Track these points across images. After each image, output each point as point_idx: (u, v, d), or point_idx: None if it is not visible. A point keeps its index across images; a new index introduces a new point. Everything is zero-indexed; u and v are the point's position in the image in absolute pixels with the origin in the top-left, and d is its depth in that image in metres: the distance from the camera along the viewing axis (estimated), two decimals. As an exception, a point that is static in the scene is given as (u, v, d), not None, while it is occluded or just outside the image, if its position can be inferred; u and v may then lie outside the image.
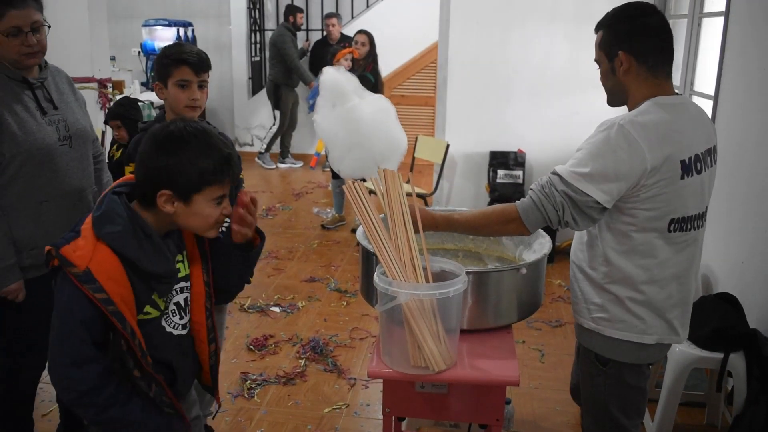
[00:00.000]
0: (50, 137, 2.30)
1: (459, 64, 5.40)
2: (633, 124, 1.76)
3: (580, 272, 2.01)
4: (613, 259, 1.88)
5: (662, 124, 1.78)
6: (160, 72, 2.31)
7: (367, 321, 4.08)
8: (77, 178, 2.42)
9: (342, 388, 3.33)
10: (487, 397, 1.91)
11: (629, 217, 1.82)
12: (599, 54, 1.91)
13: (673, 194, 1.79)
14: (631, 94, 1.87)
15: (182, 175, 1.51)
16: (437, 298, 1.74)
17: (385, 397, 1.97)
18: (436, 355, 1.78)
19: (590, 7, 5.09)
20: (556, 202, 1.80)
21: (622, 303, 1.90)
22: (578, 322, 2.04)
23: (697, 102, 3.96)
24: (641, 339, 1.90)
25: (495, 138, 5.37)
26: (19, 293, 2.29)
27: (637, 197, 1.78)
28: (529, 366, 3.52)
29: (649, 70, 1.84)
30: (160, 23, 8.34)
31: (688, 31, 4.16)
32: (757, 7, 3.13)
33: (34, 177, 2.27)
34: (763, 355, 2.50)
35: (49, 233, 2.33)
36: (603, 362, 1.97)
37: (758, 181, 2.97)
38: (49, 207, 2.32)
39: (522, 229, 1.88)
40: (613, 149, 1.75)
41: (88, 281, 1.46)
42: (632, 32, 1.83)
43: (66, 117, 2.39)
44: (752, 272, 2.97)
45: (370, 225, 1.88)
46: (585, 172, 1.77)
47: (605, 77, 1.93)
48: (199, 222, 1.59)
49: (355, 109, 2.01)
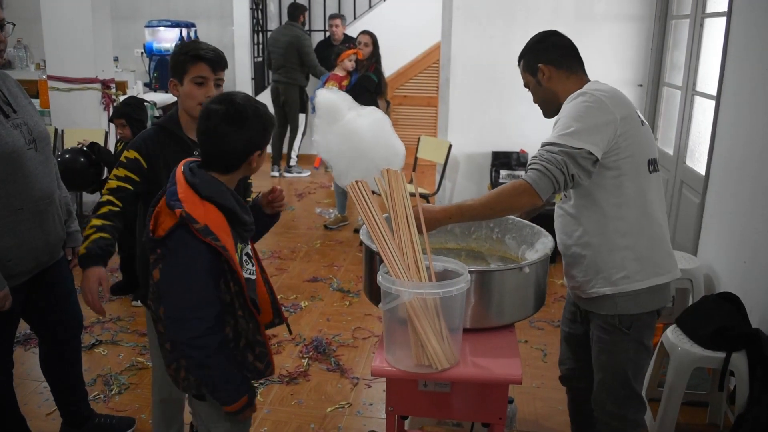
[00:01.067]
0: (18, 141, 2.25)
1: (461, 65, 5.41)
2: (592, 91, 2.05)
3: (585, 249, 2.13)
4: (616, 214, 2.07)
5: (612, 90, 2.09)
6: (176, 68, 2.25)
7: (370, 320, 4.09)
8: (46, 183, 2.38)
9: (345, 387, 3.34)
10: (489, 395, 1.92)
11: (615, 170, 2.04)
12: (526, 77, 2.24)
13: (641, 138, 2.07)
14: (561, 94, 2.16)
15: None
16: (440, 297, 1.75)
17: (388, 395, 1.97)
18: (439, 353, 1.78)
19: (592, 6, 5.12)
20: (559, 161, 1.95)
21: (635, 253, 2.08)
22: (597, 296, 2.14)
23: (699, 102, 3.98)
24: (659, 280, 2.11)
25: (497, 138, 5.38)
26: (6, 301, 2.26)
27: (618, 147, 2.01)
28: (531, 365, 3.53)
29: (567, 70, 2.18)
30: (163, 24, 8.34)
31: (691, 32, 4.17)
32: (759, 7, 3.14)
33: (8, 183, 2.22)
34: (765, 355, 2.50)
35: (24, 242, 2.31)
36: (627, 325, 2.12)
37: (761, 181, 2.98)
38: (24, 215, 2.28)
39: (535, 198, 1.97)
40: (586, 109, 2.01)
41: (209, 234, 1.71)
42: (545, 48, 2.20)
43: (26, 120, 2.34)
44: (755, 272, 2.97)
45: (373, 224, 1.89)
46: (571, 131, 1.98)
47: (535, 92, 2.24)
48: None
49: (352, 123, 2.10)
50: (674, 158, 4.29)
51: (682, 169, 4.16)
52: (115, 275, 4.79)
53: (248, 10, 8.70)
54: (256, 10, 8.82)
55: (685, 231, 3.99)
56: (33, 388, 3.25)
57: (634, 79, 5.15)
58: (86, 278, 2.13)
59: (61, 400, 2.81)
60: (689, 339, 2.69)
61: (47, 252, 2.45)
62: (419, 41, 8.14)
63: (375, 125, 2.10)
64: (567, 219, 2.19)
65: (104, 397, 3.23)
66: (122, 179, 2.22)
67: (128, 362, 3.56)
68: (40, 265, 2.45)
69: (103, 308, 2.17)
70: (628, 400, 2.19)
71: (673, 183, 4.27)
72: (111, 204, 2.18)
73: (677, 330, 2.77)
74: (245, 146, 1.81)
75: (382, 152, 2.08)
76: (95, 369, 3.49)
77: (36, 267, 2.43)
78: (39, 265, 2.44)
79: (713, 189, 3.58)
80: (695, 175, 3.91)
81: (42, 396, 3.13)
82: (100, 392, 3.27)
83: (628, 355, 2.14)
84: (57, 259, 2.54)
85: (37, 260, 2.41)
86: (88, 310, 2.25)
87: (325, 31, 8.22)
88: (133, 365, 3.53)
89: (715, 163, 3.56)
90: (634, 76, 5.16)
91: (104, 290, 2.17)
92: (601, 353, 2.21)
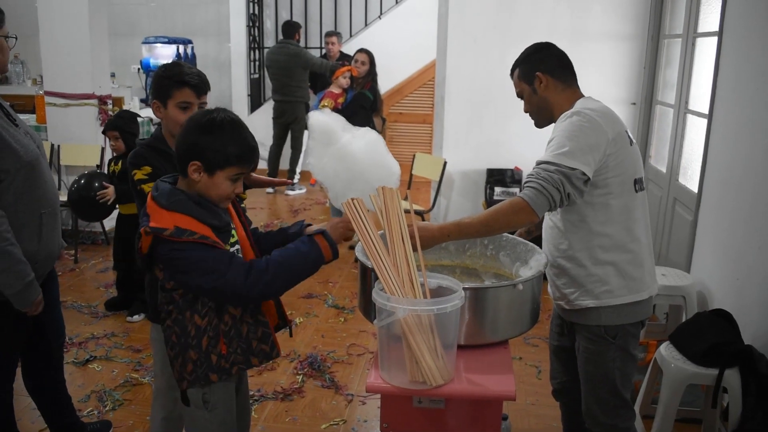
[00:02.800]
0: (34, 149, 2.32)
1: (457, 83, 5.44)
2: (585, 110, 2.09)
3: (570, 262, 2.18)
4: (601, 230, 2.12)
5: (604, 109, 2.14)
6: (160, 92, 2.25)
7: (365, 337, 4.09)
8: (54, 188, 2.46)
9: (339, 404, 3.33)
10: (484, 412, 1.92)
11: (604, 188, 2.09)
12: (520, 86, 2.28)
13: (629, 158, 2.12)
14: (555, 104, 2.22)
15: (212, 152, 1.82)
16: (435, 313, 1.75)
17: (383, 412, 1.97)
18: (434, 370, 1.79)
19: (586, 26, 5.18)
20: (555, 180, 2.00)
21: (618, 269, 2.13)
22: (581, 308, 2.19)
23: (692, 120, 4.01)
24: (640, 296, 2.17)
25: (492, 155, 5.41)
26: (40, 306, 2.33)
27: (606, 167, 2.06)
28: (525, 382, 3.53)
29: (563, 82, 2.23)
30: (160, 41, 8.36)
31: (683, 51, 4.21)
32: (750, 27, 3.18)
33: (34, 189, 2.29)
34: (758, 372, 2.51)
35: (47, 245, 2.36)
36: (612, 335, 2.17)
37: (753, 199, 3.00)
38: (47, 218, 2.35)
39: (532, 216, 2.01)
40: (580, 129, 2.05)
41: (182, 233, 1.78)
42: (542, 58, 2.24)
43: (27, 129, 2.40)
44: (747, 289, 2.98)
45: (369, 241, 1.90)
46: (566, 151, 2.02)
47: (529, 101, 2.27)
48: (215, 193, 1.87)
49: (347, 146, 2.11)
50: (667, 176, 4.32)
51: (675, 187, 4.18)
52: (110, 291, 4.78)
53: (245, 27, 8.74)
54: (252, 28, 8.87)
55: (678, 248, 4.01)
56: (27, 403, 3.23)
57: (628, 97, 5.20)
58: None
59: (50, 414, 2.80)
60: (682, 356, 2.69)
61: (57, 255, 2.52)
62: (415, 59, 8.19)
63: (369, 147, 2.14)
64: (555, 231, 2.24)
65: (98, 413, 3.21)
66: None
67: (122, 378, 3.55)
68: (49, 269, 2.50)
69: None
70: (618, 409, 2.23)
71: (666, 200, 4.29)
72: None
73: (670, 347, 2.78)
74: (183, 151, 1.85)
75: (378, 173, 2.10)
76: (89, 385, 3.48)
77: (46, 272, 2.48)
78: (48, 270, 2.49)
79: (706, 206, 3.61)
80: (688, 192, 3.93)
81: (35, 412, 3.11)
82: (94, 408, 3.26)
83: (615, 364, 2.19)
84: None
85: (52, 263, 2.49)
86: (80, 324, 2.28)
87: (321, 48, 8.25)
88: (128, 381, 3.52)
89: (708, 181, 3.58)
90: (627, 94, 5.20)
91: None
92: (587, 363, 2.24)
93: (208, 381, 1.95)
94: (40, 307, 2.34)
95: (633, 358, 2.22)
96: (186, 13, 9.30)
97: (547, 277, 2.29)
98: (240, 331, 1.97)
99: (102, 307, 4.50)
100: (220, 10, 9.08)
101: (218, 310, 1.92)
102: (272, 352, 2.05)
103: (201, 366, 1.93)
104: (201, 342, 1.91)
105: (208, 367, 1.93)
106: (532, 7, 5.21)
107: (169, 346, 1.97)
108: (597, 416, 2.26)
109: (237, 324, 1.96)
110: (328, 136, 2.13)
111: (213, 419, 2.02)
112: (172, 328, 1.93)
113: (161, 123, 2.32)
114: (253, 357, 2.01)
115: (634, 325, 2.19)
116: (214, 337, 1.92)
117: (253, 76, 8.96)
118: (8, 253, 2.17)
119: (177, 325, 1.92)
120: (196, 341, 1.91)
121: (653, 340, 3.38)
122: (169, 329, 1.95)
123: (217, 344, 1.93)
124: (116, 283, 4.59)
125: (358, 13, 8.77)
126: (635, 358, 2.23)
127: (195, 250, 1.80)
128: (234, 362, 1.97)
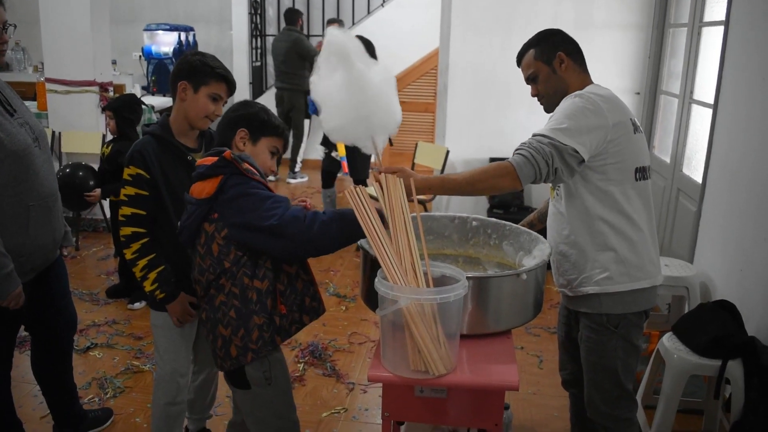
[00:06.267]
0: (26, 138, 2.26)
1: (459, 71, 5.42)
2: (591, 94, 2.10)
3: (572, 247, 2.19)
4: (602, 217, 2.12)
5: (610, 95, 2.14)
6: (196, 75, 2.28)
7: (366, 326, 4.09)
8: (51, 180, 2.40)
9: (341, 392, 3.33)
10: (486, 402, 1.91)
11: (602, 174, 2.09)
12: (536, 65, 2.24)
13: (632, 146, 2.10)
14: (572, 86, 2.20)
15: (258, 120, 2.09)
16: (438, 302, 1.74)
17: (385, 401, 1.97)
18: (436, 359, 1.78)
19: (590, 15, 5.14)
20: (546, 152, 1.99)
21: (618, 256, 2.13)
22: (582, 294, 2.20)
23: (697, 110, 3.99)
24: (640, 285, 2.15)
25: (494, 144, 5.39)
26: (20, 299, 2.28)
27: (606, 152, 2.06)
28: (527, 372, 3.52)
29: (579, 65, 2.23)
30: (161, 28, 8.34)
31: (688, 40, 4.18)
32: (757, 16, 3.15)
33: (21, 181, 2.23)
34: (761, 364, 2.50)
35: (35, 238, 2.32)
36: (615, 324, 2.16)
37: (757, 190, 2.98)
38: (34, 212, 2.29)
39: (516, 182, 2.01)
40: (581, 110, 2.05)
41: (255, 173, 1.96)
42: (560, 40, 2.25)
43: (27, 119, 2.34)
44: (751, 280, 2.97)
45: (371, 230, 1.89)
46: (563, 127, 2.02)
47: (547, 81, 2.24)
48: (259, 162, 2.05)
49: (361, 78, 1.97)
50: (671, 166, 4.30)
51: (678, 177, 4.17)
52: (111, 278, 4.78)
53: (247, 14, 8.70)
54: (254, 15, 8.82)
55: (681, 239, 3.99)
56: (28, 390, 3.24)
57: (632, 86, 5.17)
58: (176, 306, 2.34)
59: (55, 402, 2.80)
60: (685, 347, 2.68)
61: (53, 249, 2.48)
62: (417, 47, 8.14)
63: (382, 87, 2.01)
64: (558, 217, 2.24)
65: (99, 401, 3.21)
66: (133, 200, 2.27)
67: (123, 365, 3.55)
68: (46, 261, 2.47)
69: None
70: (620, 400, 2.23)
71: (670, 191, 4.28)
72: (139, 237, 2.29)
73: (673, 337, 2.77)
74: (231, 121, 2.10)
75: (382, 117, 2.01)
76: (90, 372, 3.48)
77: (43, 264, 2.45)
78: (45, 262, 2.46)
79: (710, 197, 3.59)
80: (692, 183, 3.91)
81: (37, 399, 3.12)
82: (95, 395, 3.26)
83: (617, 354, 2.18)
84: (56, 258, 2.55)
85: (45, 257, 2.44)
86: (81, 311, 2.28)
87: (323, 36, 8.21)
88: (129, 368, 3.52)
89: (712, 171, 3.56)
90: (631, 83, 5.17)
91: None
92: (590, 353, 2.24)
93: (274, 345, 2.00)
94: (20, 300, 2.27)
95: (636, 348, 2.21)
96: (188, 0, 9.25)
97: (551, 266, 2.28)
98: (296, 288, 2.04)
99: (103, 294, 4.50)
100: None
101: (275, 270, 1.98)
102: (320, 308, 2.15)
103: (268, 330, 1.98)
104: (266, 305, 1.96)
105: (274, 330, 1.99)
106: (536, -4, 5.18)
107: (225, 324, 1.98)
108: (598, 406, 2.26)
109: (293, 281, 2.03)
110: (341, 58, 1.98)
111: (276, 392, 2.08)
112: (228, 302, 1.96)
113: (173, 108, 2.33)
114: (305, 315, 2.09)
115: (636, 314, 2.18)
116: (274, 299, 1.98)
117: (255, 64, 8.92)
118: None
119: (235, 298, 1.95)
120: (259, 306, 1.96)
121: (655, 330, 3.37)
122: (225, 305, 1.97)
123: (276, 305, 1.99)
124: (118, 270, 4.59)
125: (360, 0, 8.72)
126: (638, 349, 2.22)
127: (262, 188, 1.92)
128: (292, 321, 2.04)
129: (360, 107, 1.97)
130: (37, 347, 2.71)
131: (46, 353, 2.72)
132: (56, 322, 2.66)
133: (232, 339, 1.97)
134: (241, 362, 1.99)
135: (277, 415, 2.11)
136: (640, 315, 2.20)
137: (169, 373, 2.46)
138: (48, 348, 2.71)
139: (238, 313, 1.95)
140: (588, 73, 2.25)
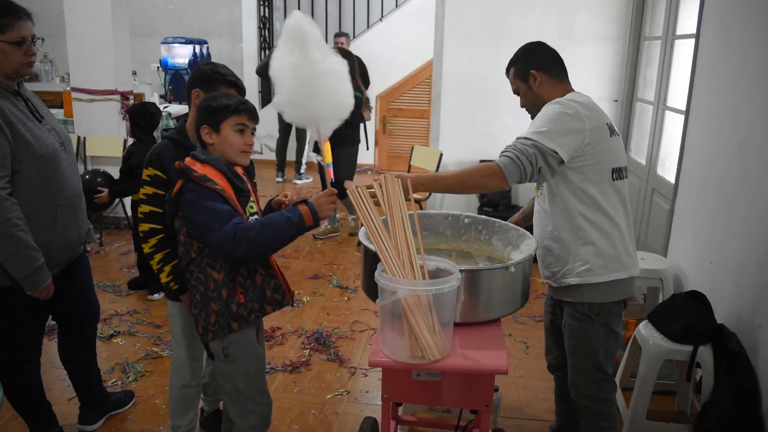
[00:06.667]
0: (53, 143, 2.27)
1: (452, 80, 5.41)
2: (570, 101, 2.10)
3: (555, 243, 2.19)
4: (582, 212, 2.12)
5: (588, 102, 2.14)
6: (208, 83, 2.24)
7: (367, 315, 4.09)
8: (76, 182, 2.40)
9: (343, 376, 3.33)
10: (477, 384, 1.92)
11: (580, 174, 2.09)
12: (516, 83, 2.27)
13: (608, 148, 2.10)
14: (549, 99, 2.18)
15: (210, 110, 1.96)
16: (433, 293, 1.75)
17: (384, 384, 1.97)
18: (432, 345, 1.78)
19: (572, 28, 5.14)
20: (529, 153, 2.00)
21: (597, 249, 2.12)
22: (564, 285, 2.20)
23: (670, 116, 3.99)
24: (619, 276, 2.15)
25: (485, 147, 5.38)
26: (50, 290, 2.30)
27: (584, 154, 2.06)
28: (515, 357, 3.53)
29: (555, 78, 2.22)
30: (177, 41, 8.32)
31: (662, 52, 4.18)
32: (725, 30, 3.15)
33: (49, 181, 2.24)
34: (729, 348, 2.50)
35: (62, 235, 2.33)
36: (596, 312, 2.16)
37: (725, 189, 2.98)
38: (62, 210, 2.31)
39: (503, 182, 2.02)
40: (561, 115, 2.06)
41: (207, 180, 1.88)
42: (535, 57, 2.24)
43: (53, 125, 2.35)
44: (720, 272, 2.98)
45: (371, 226, 1.89)
46: (544, 130, 2.03)
47: (525, 97, 2.26)
48: (230, 148, 1.98)
49: (311, 66, 1.92)
50: (646, 167, 4.30)
51: (653, 178, 4.17)
52: (132, 271, 4.78)
53: (256, 28, 8.70)
54: (263, 29, 8.82)
55: (656, 234, 3.99)
56: (56, 374, 3.24)
57: (610, 94, 5.17)
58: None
59: (80, 384, 2.80)
60: (660, 333, 2.69)
61: (78, 245, 2.48)
62: (413, 58, 8.13)
63: (329, 78, 1.95)
64: (542, 214, 2.24)
65: (122, 384, 3.21)
66: (151, 199, 2.24)
67: (144, 351, 3.55)
68: (72, 256, 2.47)
69: None
70: (600, 382, 2.23)
71: (645, 190, 4.27)
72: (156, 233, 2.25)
73: (649, 325, 2.77)
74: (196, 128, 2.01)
75: (324, 107, 1.98)
76: (113, 358, 3.48)
77: (69, 258, 2.45)
78: (71, 257, 2.47)
79: (682, 196, 3.59)
80: (665, 183, 3.91)
81: (65, 382, 3.12)
82: (118, 379, 3.26)
83: (598, 340, 2.19)
84: (80, 253, 2.55)
85: (71, 252, 2.45)
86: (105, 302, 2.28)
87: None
88: (149, 354, 3.52)
89: (684, 172, 3.56)
90: (610, 91, 5.17)
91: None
92: (572, 339, 2.24)
93: (230, 329, 2.01)
94: (49, 291, 2.29)
95: (616, 335, 2.21)
96: (201, 15, 9.23)
97: (537, 259, 2.29)
98: (255, 281, 2.04)
99: (125, 286, 4.50)
100: (233, 12, 9.02)
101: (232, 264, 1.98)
102: (284, 300, 2.13)
103: (223, 315, 1.99)
104: (221, 293, 1.98)
105: (230, 316, 2.00)
106: (522, 11, 5.17)
107: (194, 305, 2.04)
108: (581, 388, 2.26)
109: (252, 274, 2.03)
110: (298, 43, 1.91)
111: (236, 369, 2.08)
112: (196, 287, 2.01)
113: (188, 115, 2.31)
114: (267, 305, 2.08)
115: (616, 303, 2.18)
116: (232, 288, 1.99)
117: (264, 74, 8.91)
118: (18, 239, 2.13)
119: (200, 284, 1.99)
120: (216, 293, 1.98)
121: (633, 319, 3.37)
122: (194, 289, 2.02)
123: (235, 294, 1.99)
124: (138, 264, 4.58)
125: (360, 15, 8.71)
126: (618, 336, 2.22)
127: (211, 199, 1.87)
128: (251, 310, 2.04)
129: (306, 87, 1.93)
130: (63, 335, 2.72)
131: (72, 340, 2.72)
132: (80, 311, 2.66)
133: (198, 319, 2.04)
134: (204, 339, 2.06)
135: (237, 390, 2.12)
136: (619, 304, 2.20)
137: (185, 358, 2.46)
138: (73, 335, 2.71)
139: (202, 297, 2.01)
140: (568, 83, 2.25)
